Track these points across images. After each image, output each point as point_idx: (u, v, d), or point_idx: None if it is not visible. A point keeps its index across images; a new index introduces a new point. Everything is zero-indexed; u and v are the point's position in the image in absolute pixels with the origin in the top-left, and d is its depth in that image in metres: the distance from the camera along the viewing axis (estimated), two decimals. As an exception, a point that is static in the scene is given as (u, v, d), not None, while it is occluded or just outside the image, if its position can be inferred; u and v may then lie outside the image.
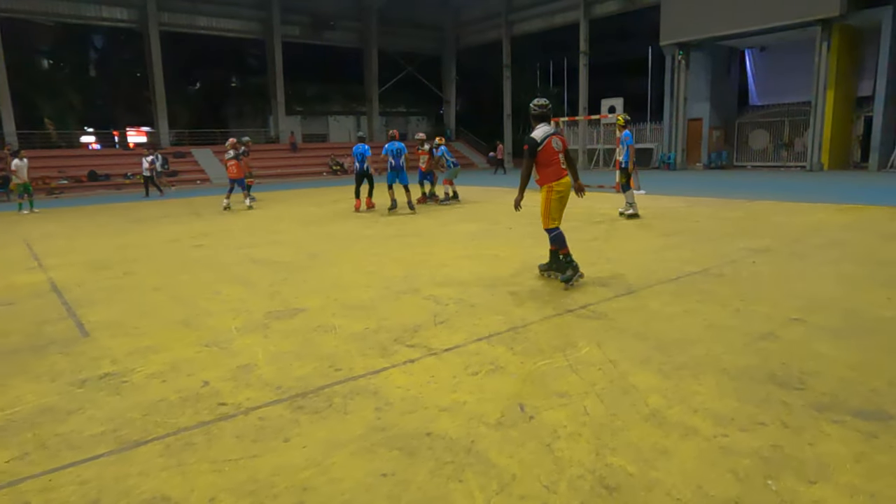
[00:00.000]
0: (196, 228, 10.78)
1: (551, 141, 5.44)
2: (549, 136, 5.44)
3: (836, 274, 5.55)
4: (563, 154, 5.53)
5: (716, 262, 6.24)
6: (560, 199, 5.49)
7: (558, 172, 5.44)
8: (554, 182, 5.45)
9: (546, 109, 5.56)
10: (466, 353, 3.77)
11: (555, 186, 5.45)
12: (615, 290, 5.23)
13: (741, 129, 27.20)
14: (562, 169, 5.47)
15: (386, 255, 7.40)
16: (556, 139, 5.48)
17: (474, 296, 5.20)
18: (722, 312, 4.45)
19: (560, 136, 5.56)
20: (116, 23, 27.05)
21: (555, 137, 5.48)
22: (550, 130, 5.47)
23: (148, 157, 19.77)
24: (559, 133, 5.57)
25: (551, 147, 5.44)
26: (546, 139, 5.42)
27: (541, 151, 5.43)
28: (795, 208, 10.57)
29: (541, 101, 5.59)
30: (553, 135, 5.47)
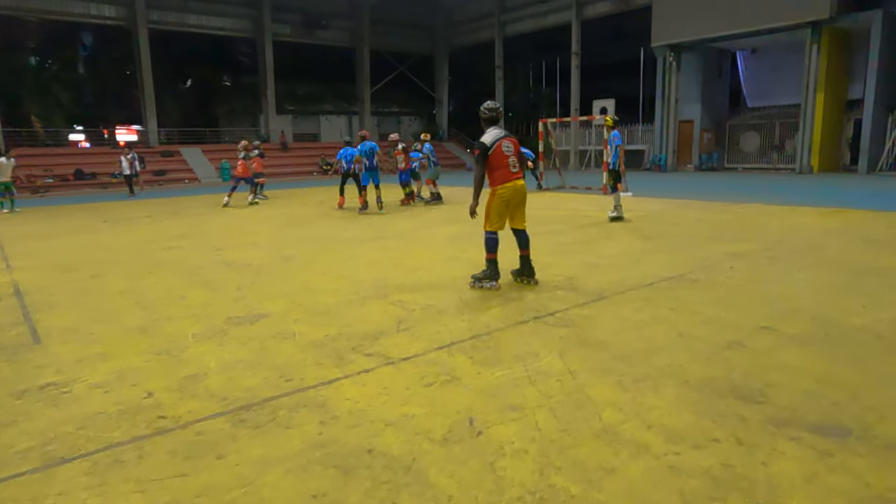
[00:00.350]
0: (174, 229, 10.63)
1: (501, 144, 5.35)
2: (500, 139, 5.37)
3: (813, 280, 5.46)
4: (514, 157, 5.41)
5: (693, 266, 6.15)
6: (503, 202, 5.36)
7: (506, 176, 5.34)
8: (499, 185, 5.36)
9: (496, 113, 5.49)
10: (424, 363, 3.65)
11: (498, 190, 5.36)
12: (587, 295, 5.13)
13: (732, 131, 27.19)
14: (511, 172, 5.36)
15: (361, 258, 7.29)
16: (506, 142, 5.39)
17: (443, 301, 5.09)
18: (692, 320, 4.36)
19: (511, 139, 5.46)
20: (104, 20, 26.79)
21: (505, 140, 5.39)
22: (501, 133, 5.41)
23: (128, 154, 19.54)
24: (511, 136, 5.48)
25: (501, 150, 5.35)
26: (496, 142, 5.35)
27: (491, 155, 5.36)
28: (780, 211, 10.50)
29: (490, 105, 5.53)
30: (504, 137, 5.39)
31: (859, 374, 3.30)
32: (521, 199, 5.47)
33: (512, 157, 5.39)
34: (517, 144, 5.50)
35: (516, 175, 5.39)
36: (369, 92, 34.35)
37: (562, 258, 6.85)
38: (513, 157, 5.39)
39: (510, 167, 5.36)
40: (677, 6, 24.33)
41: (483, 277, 5.51)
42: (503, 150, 5.35)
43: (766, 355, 3.61)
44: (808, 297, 4.91)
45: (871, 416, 2.79)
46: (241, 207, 14.24)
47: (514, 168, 5.39)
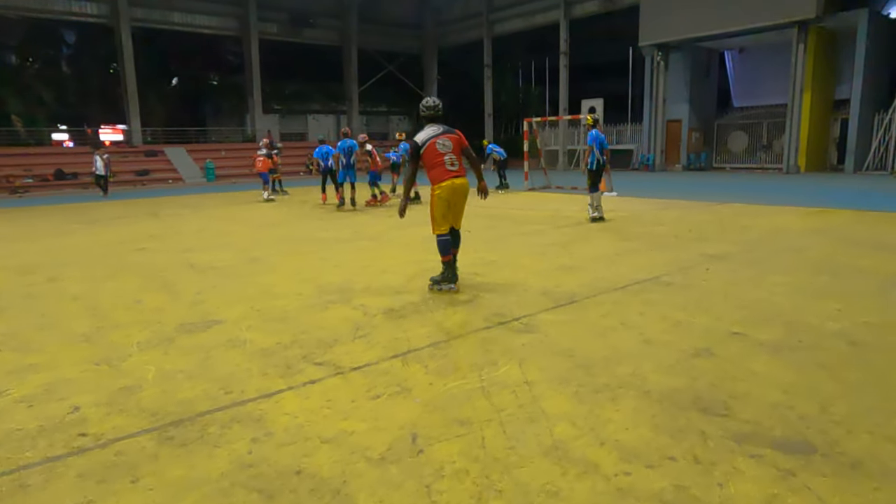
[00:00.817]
0: (149, 230, 10.38)
1: (435, 142, 5.17)
2: (434, 136, 5.19)
3: (790, 282, 5.31)
4: (453, 154, 5.21)
5: (669, 268, 5.98)
6: (443, 202, 5.19)
7: (442, 174, 5.16)
8: (436, 184, 5.20)
9: (433, 110, 5.33)
10: (375, 373, 3.46)
11: (435, 190, 5.21)
12: (556, 299, 4.95)
13: (720, 130, 27.16)
14: (447, 170, 5.16)
15: (332, 260, 7.08)
16: (442, 140, 5.20)
17: (407, 305, 4.90)
18: (661, 325, 4.19)
19: (450, 136, 5.25)
20: (86, 18, 26.40)
21: (441, 138, 5.20)
22: (437, 131, 5.23)
23: (104, 155, 19.25)
24: (451, 132, 5.27)
25: (434, 149, 5.17)
26: (429, 140, 5.18)
27: (424, 153, 5.20)
28: (764, 211, 10.38)
29: (428, 102, 5.38)
30: (441, 135, 5.21)
31: (830, 384, 3.13)
32: (461, 198, 5.28)
33: (449, 154, 5.19)
34: (458, 141, 5.29)
35: (454, 173, 5.19)
36: (357, 91, 34.11)
37: (537, 260, 6.67)
38: (450, 154, 5.19)
39: (446, 165, 5.17)
40: (664, 5, 24.25)
41: (441, 280, 5.36)
42: (437, 148, 5.16)
43: (734, 364, 3.44)
44: (784, 300, 4.75)
45: (839, 431, 2.62)
46: (227, 207, 13.98)
47: (451, 166, 5.19)
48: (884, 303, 4.62)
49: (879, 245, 6.97)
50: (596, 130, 9.87)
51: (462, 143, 5.31)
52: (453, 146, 5.23)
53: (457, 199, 5.26)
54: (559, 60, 30.05)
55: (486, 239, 8.30)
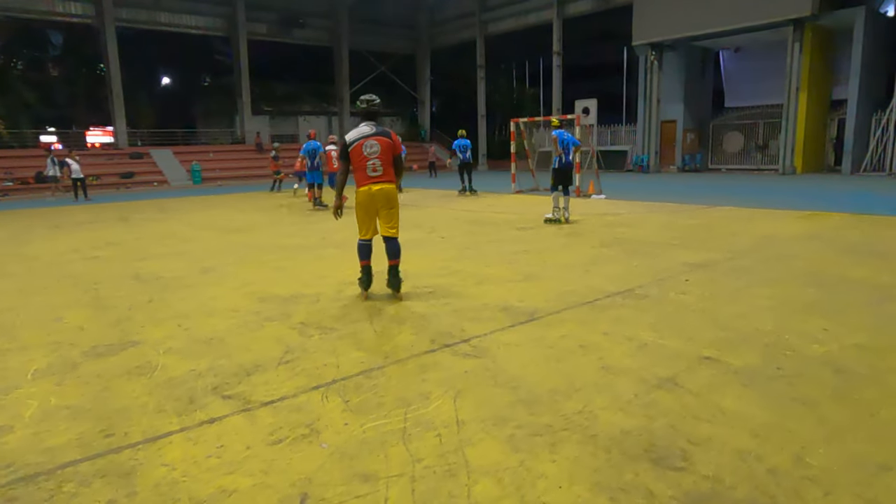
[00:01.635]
0: (111, 236, 9.92)
1: (363, 144, 4.86)
2: (363, 137, 4.88)
3: (775, 295, 4.85)
4: (378, 160, 4.88)
5: (646, 279, 5.53)
6: (360, 208, 4.98)
7: (362, 179, 4.90)
8: (357, 189, 4.96)
9: (369, 106, 5.01)
10: (287, 409, 3.00)
11: (356, 194, 4.98)
12: (516, 316, 4.49)
13: (716, 131, 26.71)
14: (368, 176, 4.87)
15: (289, 270, 6.62)
16: (370, 141, 4.86)
17: (352, 323, 4.44)
18: (625, 348, 3.73)
19: (381, 139, 4.89)
20: (70, 18, 25.97)
21: (370, 140, 4.86)
22: (368, 131, 4.90)
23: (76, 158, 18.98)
24: (382, 135, 4.91)
25: (360, 151, 4.87)
26: (357, 141, 4.88)
27: (351, 154, 4.91)
28: (755, 215, 9.93)
29: (365, 97, 5.06)
30: (371, 136, 4.87)
31: (808, 425, 2.68)
32: (381, 205, 4.96)
33: (374, 159, 4.86)
34: (389, 146, 4.93)
35: (373, 179, 4.88)
36: (349, 92, 33.65)
37: (505, 269, 6.21)
38: (375, 159, 4.87)
39: (367, 170, 4.86)
40: (658, 4, 23.85)
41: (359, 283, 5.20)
42: (363, 151, 4.86)
43: (700, 398, 2.98)
44: (766, 317, 4.29)
45: (815, 493, 2.16)
46: (203, 211, 13.52)
47: (372, 172, 4.87)
48: (875, 320, 4.16)
49: (874, 252, 6.51)
50: (561, 130, 9.63)
51: (394, 149, 4.98)
52: (381, 150, 4.88)
53: (376, 205, 4.96)
54: (553, 61, 29.59)
55: (460, 245, 7.84)
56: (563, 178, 9.64)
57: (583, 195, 14.26)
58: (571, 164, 9.86)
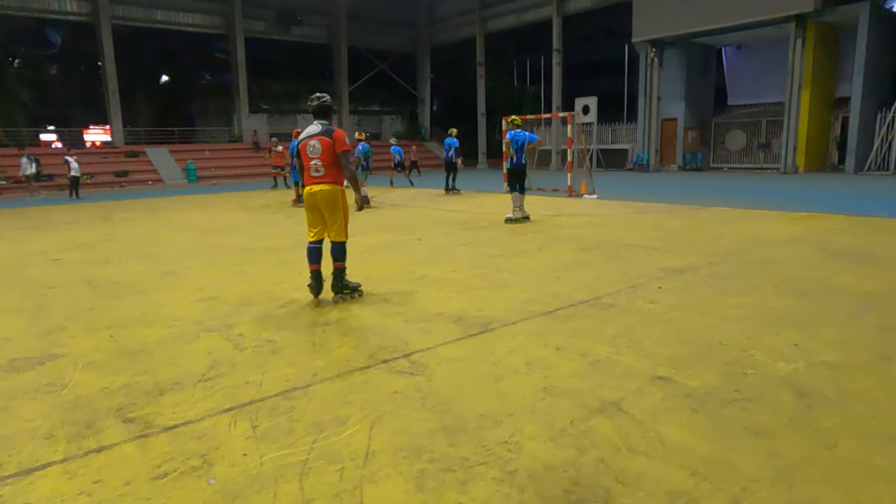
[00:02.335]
0: (85, 237, 9.70)
1: (307, 144, 4.80)
2: (308, 137, 4.81)
3: (749, 305, 4.55)
4: (319, 160, 4.80)
5: (617, 286, 5.23)
6: (306, 208, 4.97)
7: (307, 179, 4.88)
8: (304, 189, 4.93)
9: (319, 102, 4.88)
10: (188, 436, 2.73)
11: (304, 193, 4.96)
12: (468, 327, 4.21)
13: (718, 129, 26.26)
14: (311, 177, 4.85)
15: (249, 273, 6.36)
16: (312, 142, 4.78)
17: (293, 334, 4.17)
18: (575, 365, 3.44)
19: (323, 139, 4.77)
20: (65, 16, 25.83)
21: (313, 140, 4.78)
22: (314, 131, 4.82)
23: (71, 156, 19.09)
24: (327, 135, 4.78)
25: (305, 151, 4.82)
26: (304, 140, 4.84)
27: (299, 153, 4.90)
28: (746, 216, 9.59)
29: (315, 94, 4.96)
30: (314, 136, 4.78)
31: (756, 460, 2.38)
32: (323, 207, 4.87)
33: (315, 159, 4.79)
34: (330, 146, 4.78)
35: (315, 180, 4.83)
36: (347, 90, 33.44)
37: (472, 275, 5.93)
38: (317, 159, 4.79)
39: (311, 170, 4.84)
40: (658, 0, 23.41)
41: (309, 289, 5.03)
42: (307, 151, 4.82)
43: (642, 426, 2.69)
44: (735, 329, 3.99)
45: (745, 548, 1.87)
46: (188, 210, 13.29)
47: (314, 172, 4.82)
48: (851, 334, 3.85)
49: (863, 257, 6.18)
50: (516, 130, 9.65)
51: (336, 148, 4.79)
52: (322, 151, 4.77)
53: (317, 207, 4.88)
54: (552, 58, 29.22)
55: (433, 248, 7.56)
56: (515, 179, 9.76)
57: (575, 195, 13.94)
58: (523, 164, 9.78)
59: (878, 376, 3.18)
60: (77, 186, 19.04)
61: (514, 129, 9.73)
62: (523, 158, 9.72)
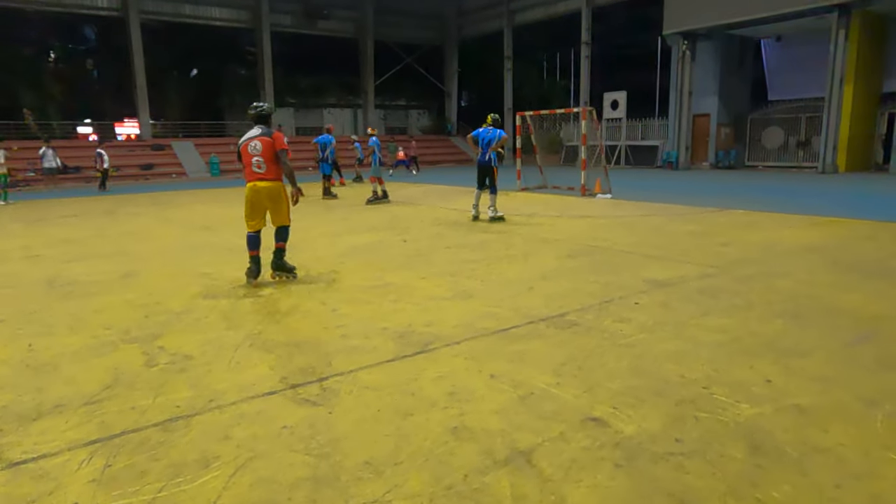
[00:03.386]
0: (73, 233, 9.65)
1: (248, 144, 5.45)
2: (249, 138, 5.47)
3: (731, 328, 4.01)
4: (260, 157, 5.41)
5: (591, 300, 4.74)
6: (246, 202, 5.52)
7: (248, 175, 5.49)
8: (246, 184, 5.54)
9: (256, 111, 5.57)
10: (27, 475, 2.41)
11: (245, 190, 5.55)
12: (406, 346, 3.80)
13: (754, 125, 25.00)
14: (252, 172, 5.45)
15: (213, 275, 6.08)
16: (254, 143, 5.43)
17: (214, 350, 3.84)
18: (502, 399, 3.00)
19: (263, 139, 5.43)
20: (97, 11, 26.26)
21: (254, 141, 5.44)
22: (254, 133, 5.48)
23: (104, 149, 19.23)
24: (267, 136, 5.45)
25: (246, 150, 5.46)
26: (244, 142, 5.49)
27: (241, 152, 5.51)
28: (764, 221, 8.88)
29: (254, 104, 5.68)
30: (255, 137, 5.45)
31: (666, 545, 1.91)
32: (264, 199, 5.48)
33: (257, 156, 5.42)
34: (270, 145, 5.41)
35: (258, 176, 5.44)
36: (373, 84, 33.22)
37: (439, 283, 5.51)
38: (258, 157, 5.42)
39: (252, 167, 5.44)
40: (690, -10, 22.39)
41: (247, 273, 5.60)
42: (248, 150, 5.43)
43: (547, 486, 2.24)
44: (705, 357, 3.48)
45: None
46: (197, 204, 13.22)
47: (257, 168, 5.44)
48: (837, 368, 3.29)
49: (880, 271, 5.52)
50: (484, 128, 9.50)
51: (275, 147, 5.40)
52: (262, 149, 5.39)
53: (259, 200, 5.47)
54: (581, 51, 28.37)
55: (414, 251, 7.16)
56: (482, 176, 9.59)
57: (589, 194, 13.33)
58: (488, 162, 9.48)
59: (856, 427, 2.65)
60: (106, 179, 19.32)
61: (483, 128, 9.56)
62: (487, 155, 9.44)
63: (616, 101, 27.76)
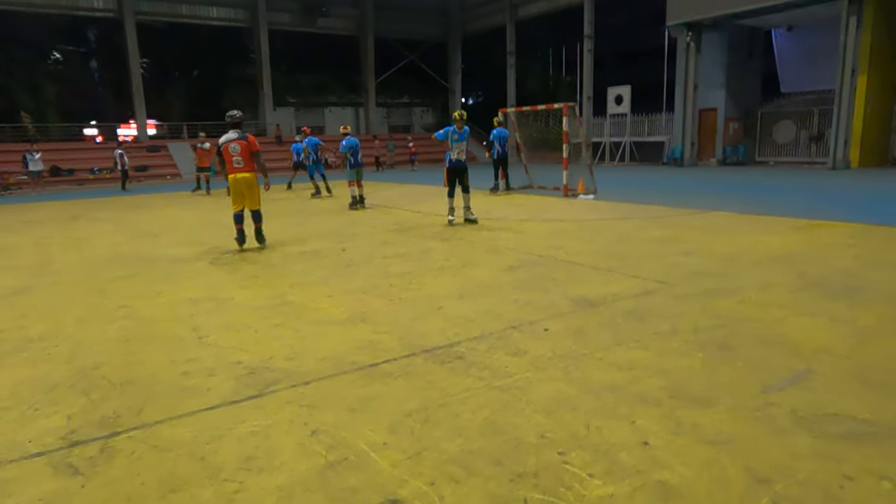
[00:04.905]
0: (20, 239, 9.28)
1: (228, 146, 7.17)
2: (228, 141, 7.14)
3: (638, 364, 3.37)
4: (239, 157, 7.16)
5: (497, 325, 4.13)
6: (231, 189, 7.29)
7: (230, 170, 7.22)
8: (228, 177, 7.31)
9: (232, 119, 7.24)
10: None
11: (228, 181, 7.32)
12: (246, 387, 3.23)
13: (765, 119, 23.93)
14: (234, 167, 7.19)
15: (112, 292, 5.58)
16: (233, 144, 7.14)
17: (28, 389, 3.31)
18: (299, 469, 2.42)
19: (240, 142, 7.16)
20: (93, 12, 26.18)
21: (233, 143, 7.14)
22: (232, 137, 7.15)
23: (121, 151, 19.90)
24: (243, 139, 7.18)
25: (227, 150, 7.18)
26: (225, 143, 7.17)
27: (222, 152, 7.18)
28: (745, 224, 8.13)
29: (230, 112, 7.29)
30: (233, 140, 7.14)
31: None
32: (243, 187, 7.28)
33: (237, 156, 7.17)
34: (246, 147, 7.19)
35: (238, 169, 7.20)
36: (374, 82, 32.73)
37: (346, 302, 4.93)
38: (238, 156, 7.17)
39: (233, 164, 7.17)
40: (694, -22, 21.43)
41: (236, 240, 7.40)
42: (229, 150, 7.15)
43: None
44: (583, 408, 2.85)
45: None
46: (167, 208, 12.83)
47: (237, 164, 7.18)
48: (739, 429, 2.63)
49: (849, 289, 4.79)
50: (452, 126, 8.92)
51: (251, 149, 7.21)
52: (241, 150, 7.14)
53: (239, 188, 7.27)
54: (583, 45, 27.52)
55: (344, 263, 6.58)
56: (454, 178, 9.06)
57: (571, 194, 12.62)
58: (462, 162, 9.06)
59: (725, 524, 2.01)
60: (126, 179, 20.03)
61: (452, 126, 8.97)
62: (455, 157, 8.98)
63: (620, 95, 26.89)
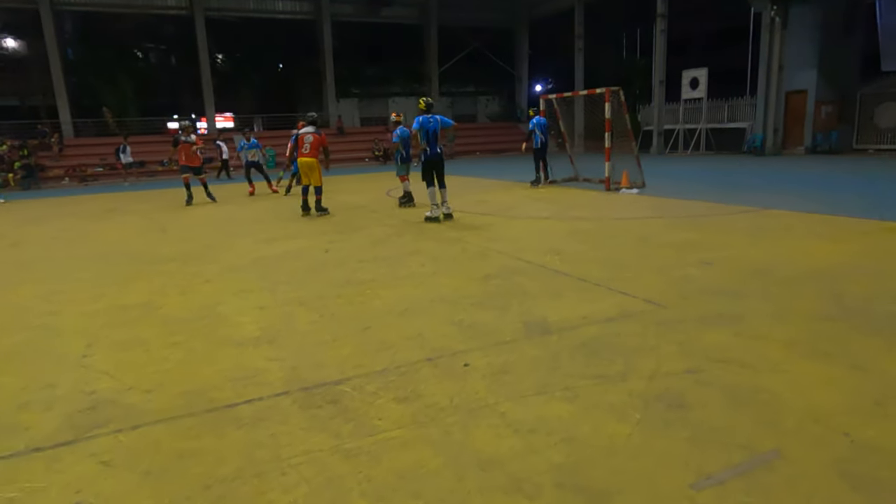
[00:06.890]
0: (35, 234, 9.47)
1: (303, 137, 9.38)
2: (304, 134, 9.38)
3: (539, 428, 2.57)
4: (309, 146, 9.36)
5: (415, 355, 3.42)
6: (300, 169, 9.53)
7: (300, 154, 9.46)
8: (298, 160, 9.68)
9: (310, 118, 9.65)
10: None
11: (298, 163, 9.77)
12: (71, 428, 2.74)
13: (865, 102, 21.19)
14: (302, 153, 9.42)
15: (59, 295, 5.33)
16: (308, 136, 9.37)
17: None
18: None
19: (315, 135, 9.40)
20: (166, 10, 27.22)
21: (309, 135, 9.36)
22: (310, 130, 9.41)
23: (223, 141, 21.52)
24: (318, 133, 9.44)
25: (302, 140, 9.39)
26: (300, 135, 9.48)
27: (298, 142, 9.55)
28: (802, 226, 6.84)
29: (309, 113, 9.74)
30: (307, 133, 9.36)
31: None
32: (306, 168, 9.42)
33: (307, 145, 9.32)
34: (319, 140, 9.40)
35: (305, 154, 9.35)
36: (437, 71, 32.12)
37: (273, 314, 4.38)
38: (308, 145, 9.32)
39: (303, 149, 9.38)
40: (781, -55, 19.19)
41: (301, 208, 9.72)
42: (304, 140, 9.35)
43: None
44: (423, 496, 2.11)
45: None
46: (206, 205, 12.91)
47: (305, 150, 9.37)
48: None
49: (888, 314, 3.67)
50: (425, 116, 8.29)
51: (322, 144, 9.43)
52: (313, 141, 9.32)
53: (304, 168, 9.43)
54: (657, 25, 25.57)
55: (312, 267, 6.02)
56: (431, 171, 8.39)
57: (614, 188, 11.47)
58: (439, 155, 8.38)
59: None
60: (227, 168, 21.46)
61: (422, 115, 8.30)
62: (438, 147, 8.35)
63: (696, 78, 24.78)
